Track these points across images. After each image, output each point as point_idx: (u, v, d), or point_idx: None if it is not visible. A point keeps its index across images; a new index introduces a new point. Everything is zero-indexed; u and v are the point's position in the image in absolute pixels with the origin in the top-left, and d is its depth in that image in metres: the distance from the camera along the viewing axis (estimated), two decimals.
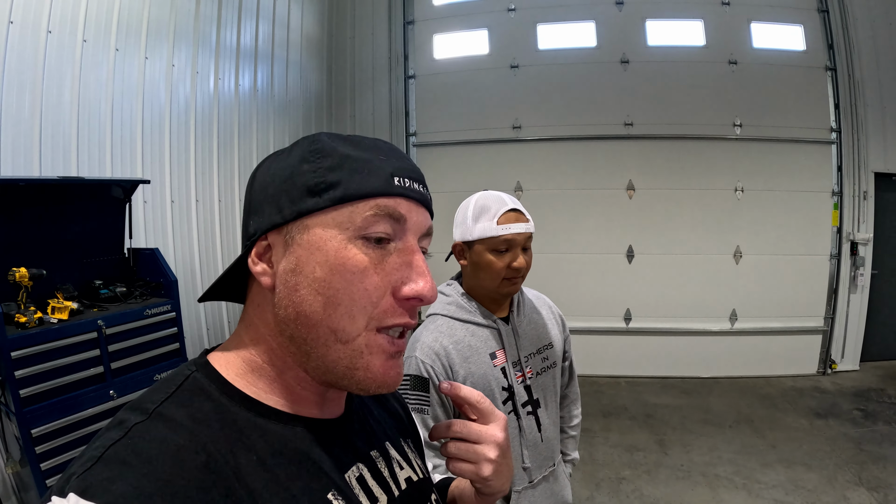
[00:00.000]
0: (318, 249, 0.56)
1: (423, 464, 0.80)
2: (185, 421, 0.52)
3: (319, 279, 0.56)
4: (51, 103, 2.99)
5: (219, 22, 4.45)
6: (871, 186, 5.80)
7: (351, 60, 6.68)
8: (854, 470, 3.79)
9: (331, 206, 0.57)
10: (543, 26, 6.18)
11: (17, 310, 2.40)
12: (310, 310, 0.57)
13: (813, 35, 5.83)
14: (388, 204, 0.58)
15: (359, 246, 0.57)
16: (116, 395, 2.67)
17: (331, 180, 0.57)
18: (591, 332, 6.03)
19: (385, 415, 0.80)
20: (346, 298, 0.56)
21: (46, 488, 2.34)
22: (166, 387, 0.56)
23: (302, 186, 0.58)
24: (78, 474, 0.46)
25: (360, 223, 0.57)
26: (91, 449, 0.49)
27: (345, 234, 0.57)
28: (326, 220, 0.57)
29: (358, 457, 0.66)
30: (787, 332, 5.90)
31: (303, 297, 0.57)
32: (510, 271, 1.46)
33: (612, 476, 3.86)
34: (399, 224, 0.59)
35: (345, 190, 0.57)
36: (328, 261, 0.56)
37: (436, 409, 1.42)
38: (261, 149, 5.09)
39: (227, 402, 0.56)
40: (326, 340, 0.57)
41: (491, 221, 1.45)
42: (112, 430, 0.51)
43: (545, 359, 1.62)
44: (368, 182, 0.58)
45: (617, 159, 6.00)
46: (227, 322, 4.56)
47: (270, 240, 0.60)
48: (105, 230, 3.13)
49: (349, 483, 0.62)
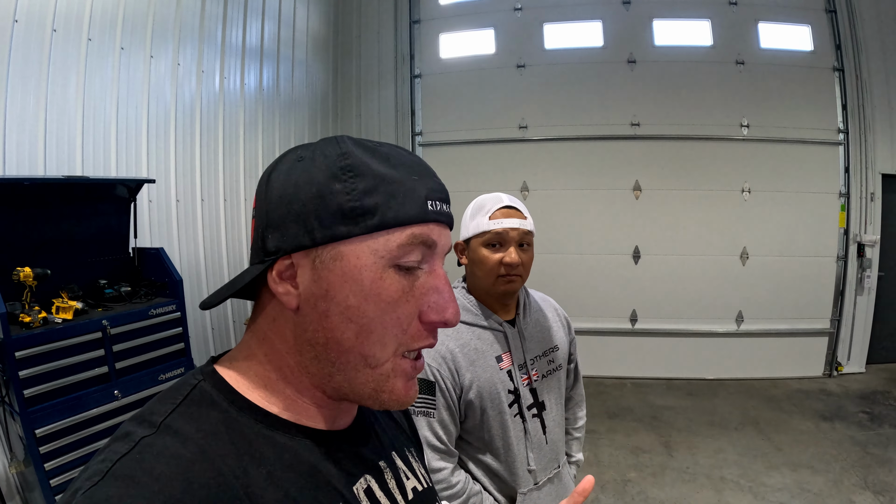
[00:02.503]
0: (352, 278, 0.55)
1: (426, 472, 0.80)
2: (193, 434, 0.51)
3: (353, 307, 0.55)
4: (56, 102, 2.99)
5: (224, 21, 4.45)
6: (878, 188, 5.77)
7: (357, 60, 6.66)
8: (860, 473, 3.76)
9: (366, 233, 0.55)
10: (550, 26, 6.15)
11: (22, 309, 2.40)
12: (342, 337, 0.56)
13: (820, 35, 5.79)
14: (423, 232, 0.57)
15: (392, 275, 0.56)
16: (121, 395, 2.67)
17: (367, 206, 0.55)
18: (596, 333, 6.02)
19: (390, 424, 0.79)
20: (379, 327, 0.56)
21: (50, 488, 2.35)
22: (173, 397, 0.55)
23: (335, 209, 0.55)
24: (84, 490, 0.45)
25: (396, 252, 0.56)
26: (96, 462, 0.48)
27: (379, 262, 0.55)
28: (361, 247, 0.55)
29: (366, 468, 0.65)
30: (793, 334, 5.88)
31: (334, 323, 0.56)
32: (504, 267, 1.46)
33: (618, 478, 3.84)
34: (430, 250, 0.59)
35: (382, 218, 0.55)
36: (363, 290, 0.55)
37: (442, 412, 1.42)
38: (266, 148, 5.08)
39: (235, 413, 0.55)
40: (356, 365, 0.57)
41: (484, 217, 1.48)
42: (118, 442, 0.50)
43: (551, 361, 1.61)
44: (404, 209, 0.56)
45: (623, 159, 5.98)
46: (232, 322, 4.56)
47: (295, 260, 0.57)
48: (110, 230, 3.13)
49: (357, 495, 0.61)
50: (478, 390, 1.44)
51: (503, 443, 1.47)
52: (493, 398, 1.45)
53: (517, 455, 1.48)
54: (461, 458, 1.51)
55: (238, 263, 4.67)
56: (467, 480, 1.46)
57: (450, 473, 1.41)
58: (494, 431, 1.47)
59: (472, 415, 1.46)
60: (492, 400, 1.45)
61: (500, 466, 1.48)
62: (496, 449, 1.48)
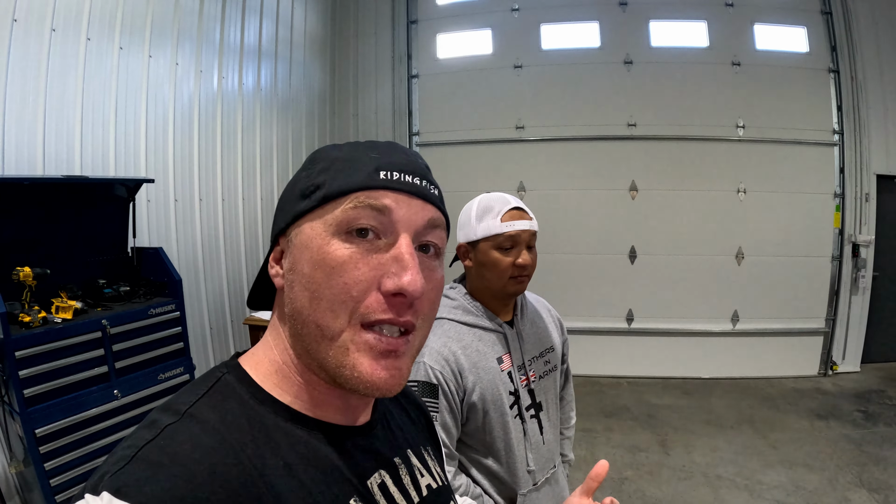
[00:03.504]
0: (306, 247, 0.59)
1: (442, 471, 0.81)
2: (216, 423, 0.53)
3: (307, 275, 0.58)
4: (54, 102, 2.98)
5: (223, 20, 4.44)
6: (872, 188, 5.79)
7: (354, 60, 6.66)
8: (855, 471, 3.79)
9: (318, 205, 0.59)
10: (547, 26, 6.16)
11: (21, 309, 2.40)
12: (300, 305, 0.59)
13: (816, 37, 5.82)
14: (368, 196, 0.58)
15: (338, 241, 0.58)
16: (120, 395, 2.67)
17: (318, 182, 0.61)
18: (593, 333, 6.04)
19: (407, 421, 0.80)
20: (327, 293, 0.57)
21: (50, 488, 2.35)
22: (198, 388, 0.58)
23: (298, 192, 0.62)
24: (111, 473, 0.47)
25: (341, 217, 0.58)
26: (123, 448, 0.50)
27: (328, 229, 0.58)
28: (314, 220, 0.59)
29: (380, 463, 0.67)
30: (788, 334, 5.91)
31: (296, 293, 0.59)
32: (516, 269, 1.45)
33: (615, 476, 3.86)
34: (384, 216, 0.58)
35: (328, 188, 0.59)
36: (312, 256, 0.58)
37: (445, 415, 1.41)
38: (264, 147, 5.08)
39: (255, 405, 0.58)
40: (315, 336, 0.58)
41: (495, 219, 1.45)
42: (144, 429, 0.52)
43: (547, 362, 1.62)
44: (350, 178, 0.59)
45: (620, 160, 5.99)
46: (230, 322, 4.56)
47: (282, 244, 0.64)
48: (109, 229, 3.13)
49: (371, 490, 0.63)
50: (481, 392, 1.44)
51: (504, 444, 1.47)
52: (495, 400, 1.45)
53: (517, 456, 1.48)
54: (461, 462, 1.51)
55: (236, 263, 4.67)
56: (469, 484, 1.46)
57: (451, 477, 1.41)
58: (496, 433, 1.46)
59: (473, 417, 1.45)
60: (494, 402, 1.45)
61: (500, 468, 1.48)
62: (497, 451, 1.48)
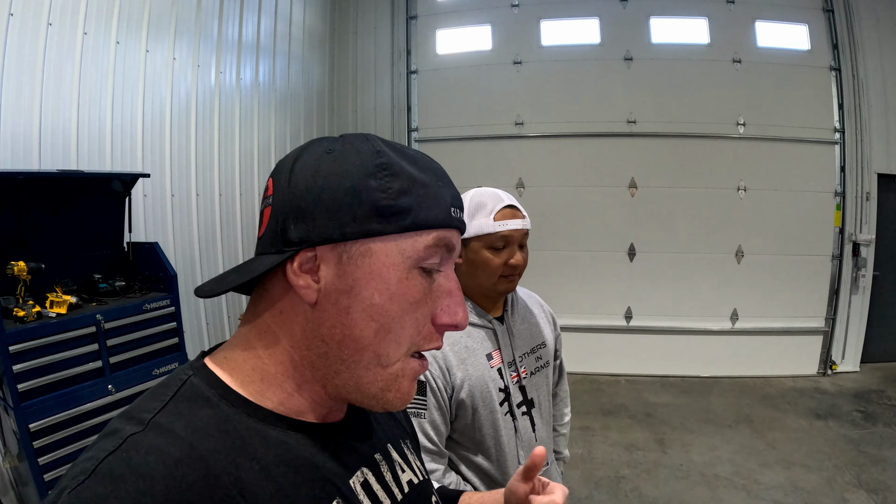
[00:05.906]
0: (380, 276, 0.56)
1: (422, 465, 0.80)
2: (182, 431, 0.50)
3: (377, 305, 0.56)
4: (50, 96, 2.96)
5: (221, 15, 4.42)
6: (873, 187, 5.78)
7: (353, 55, 6.64)
8: (853, 471, 3.79)
9: (398, 232, 0.56)
10: (547, 22, 6.15)
11: (16, 304, 2.39)
12: (360, 334, 0.56)
13: (817, 34, 5.80)
14: (446, 236, 0.59)
15: (416, 276, 0.57)
16: (115, 390, 2.65)
17: (402, 206, 0.56)
18: (591, 330, 6.03)
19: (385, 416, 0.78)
20: (398, 326, 0.57)
21: (44, 483, 2.34)
22: (162, 393, 0.54)
23: (370, 206, 0.55)
24: (70, 489, 0.44)
25: (422, 254, 0.57)
26: (83, 460, 0.47)
27: (406, 262, 0.57)
28: (391, 246, 0.56)
29: (362, 461, 0.65)
30: (787, 333, 5.90)
31: (354, 320, 0.56)
32: (507, 268, 1.44)
33: (612, 475, 3.85)
34: (449, 255, 0.60)
35: (414, 219, 0.56)
36: (389, 289, 0.56)
37: (433, 413, 1.39)
38: (262, 142, 5.06)
39: (226, 409, 0.55)
40: (368, 364, 0.57)
41: (487, 218, 1.43)
42: (106, 439, 0.49)
43: (539, 358, 1.60)
44: (433, 213, 0.58)
45: (619, 157, 5.98)
46: (226, 317, 4.55)
47: (320, 253, 0.56)
48: (104, 224, 3.11)
49: (353, 489, 0.61)
50: (469, 389, 1.41)
51: (494, 442, 1.45)
52: (484, 397, 1.43)
53: (508, 454, 1.46)
54: (451, 459, 1.48)
55: (233, 258, 4.65)
56: (459, 482, 1.44)
57: (441, 475, 1.39)
58: (486, 431, 1.44)
59: (462, 414, 1.43)
60: (483, 399, 1.43)
61: (491, 466, 1.46)
62: (487, 448, 1.46)
